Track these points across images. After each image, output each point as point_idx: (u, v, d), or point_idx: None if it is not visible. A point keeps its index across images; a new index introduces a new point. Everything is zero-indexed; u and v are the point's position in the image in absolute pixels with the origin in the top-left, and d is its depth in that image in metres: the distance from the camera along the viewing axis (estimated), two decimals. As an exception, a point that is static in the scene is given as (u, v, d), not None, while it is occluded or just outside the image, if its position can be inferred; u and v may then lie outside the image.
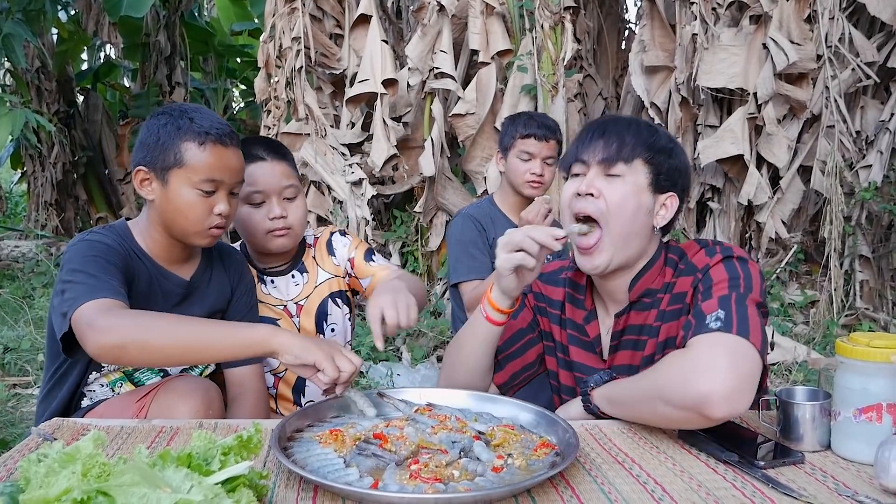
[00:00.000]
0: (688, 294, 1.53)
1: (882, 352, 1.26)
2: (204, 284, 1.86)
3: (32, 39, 7.75)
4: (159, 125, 1.70)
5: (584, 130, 1.61)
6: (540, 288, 1.79)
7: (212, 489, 0.92)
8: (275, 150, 2.04)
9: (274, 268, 2.12)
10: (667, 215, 1.58)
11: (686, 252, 1.61)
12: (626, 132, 1.55)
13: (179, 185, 1.68)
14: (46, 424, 1.45)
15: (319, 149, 5.15)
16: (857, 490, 1.18)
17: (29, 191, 9.74)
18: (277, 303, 2.11)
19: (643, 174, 1.54)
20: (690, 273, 1.55)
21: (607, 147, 1.53)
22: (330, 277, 2.16)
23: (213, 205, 1.69)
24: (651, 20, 5.17)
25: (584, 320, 1.69)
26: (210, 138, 1.66)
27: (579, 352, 1.70)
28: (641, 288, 1.59)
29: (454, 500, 1.11)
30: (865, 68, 4.74)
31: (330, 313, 2.15)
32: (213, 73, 9.39)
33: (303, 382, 2.12)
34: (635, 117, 1.60)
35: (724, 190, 5.09)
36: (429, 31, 5.06)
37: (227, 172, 1.69)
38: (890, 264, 5.02)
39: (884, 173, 4.80)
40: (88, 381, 1.78)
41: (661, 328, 1.57)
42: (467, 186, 5.43)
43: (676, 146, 1.61)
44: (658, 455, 1.34)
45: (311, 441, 1.33)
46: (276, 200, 1.99)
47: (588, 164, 1.56)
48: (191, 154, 1.66)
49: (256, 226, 2.00)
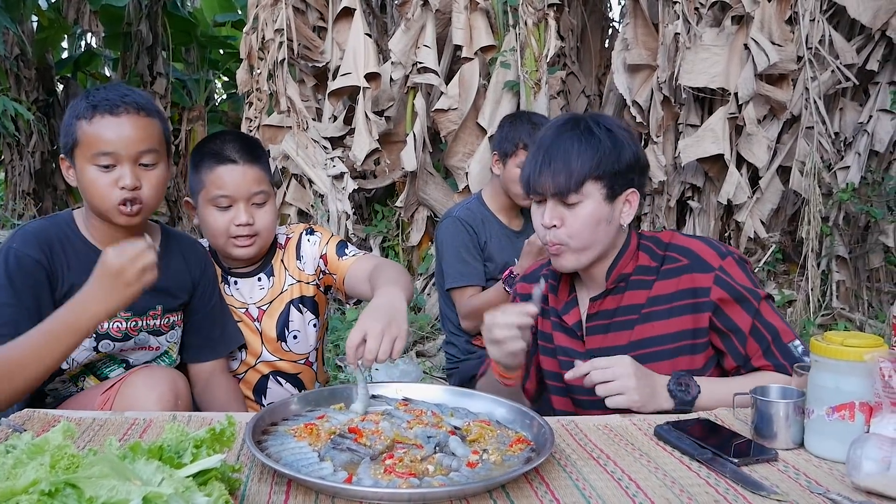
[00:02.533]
0: (710, 290, 1.60)
1: (855, 350, 1.27)
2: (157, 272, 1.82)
3: (12, 26, 7.64)
4: (68, 109, 1.68)
5: (533, 155, 1.66)
6: (524, 289, 1.84)
7: (183, 482, 0.91)
8: (248, 151, 1.95)
9: (239, 269, 2.05)
10: (631, 211, 1.66)
11: (670, 241, 1.69)
12: (571, 157, 1.59)
13: (81, 165, 1.65)
14: (16, 415, 1.43)
15: (301, 142, 5.12)
16: (829, 487, 1.19)
17: (6, 180, 9.61)
18: (239, 305, 2.04)
19: (597, 191, 1.61)
20: (703, 269, 1.62)
21: (556, 179, 1.60)
22: (294, 283, 2.08)
23: (117, 179, 1.62)
24: (634, 19, 5.18)
25: (563, 308, 1.76)
26: (98, 111, 1.62)
27: (562, 336, 1.77)
28: (616, 274, 1.68)
29: (428, 496, 1.11)
30: (845, 70, 4.78)
31: (291, 320, 2.07)
32: (195, 64, 9.30)
33: (264, 383, 2.08)
34: (576, 126, 1.62)
35: (703, 189, 5.12)
36: (412, 26, 5.04)
37: (119, 143, 1.62)
38: (866, 265, 5.08)
39: (861, 175, 4.84)
40: (50, 380, 1.74)
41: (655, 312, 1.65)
42: (449, 182, 5.43)
43: (619, 140, 1.63)
44: (633, 452, 1.34)
45: (285, 435, 1.32)
46: (243, 206, 1.91)
47: (544, 194, 1.63)
48: (82, 131, 1.63)
49: (220, 230, 1.93)
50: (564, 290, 1.78)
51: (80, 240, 1.73)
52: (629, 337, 1.67)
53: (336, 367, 4.18)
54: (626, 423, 1.49)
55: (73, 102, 1.68)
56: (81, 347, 1.70)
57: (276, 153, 5.29)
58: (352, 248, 2.07)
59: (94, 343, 1.73)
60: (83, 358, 1.74)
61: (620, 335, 1.68)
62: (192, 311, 1.89)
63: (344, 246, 2.07)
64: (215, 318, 1.92)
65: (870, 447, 1.17)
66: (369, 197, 5.98)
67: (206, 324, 1.90)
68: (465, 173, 4.95)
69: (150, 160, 1.67)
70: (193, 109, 8.76)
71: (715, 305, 1.61)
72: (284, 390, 2.09)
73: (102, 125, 1.62)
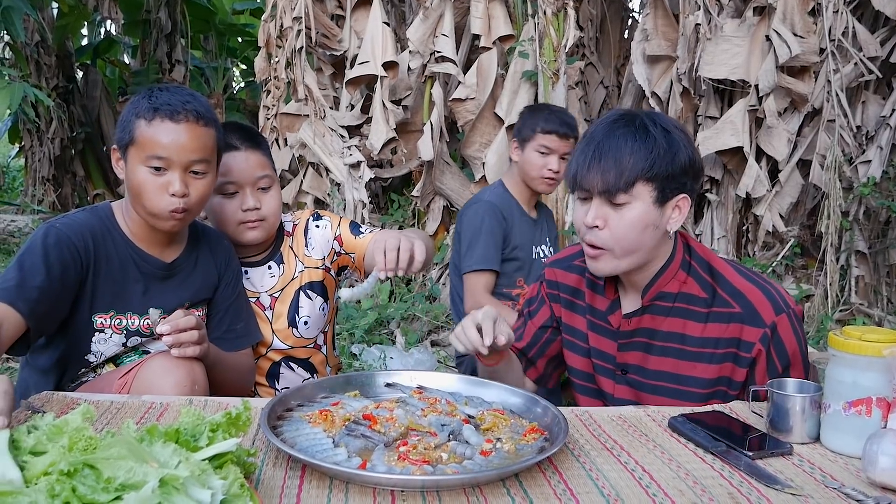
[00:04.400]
0: (754, 347, 1.53)
1: (874, 346, 1.26)
2: (188, 269, 1.83)
3: (32, 13, 7.69)
4: (129, 104, 1.70)
5: (582, 149, 1.55)
6: (554, 275, 1.79)
7: (199, 465, 0.92)
8: (249, 138, 1.98)
9: (249, 258, 2.07)
10: (680, 218, 1.56)
11: (722, 275, 1.59)
12: (623, 154, 1.49)
13: (133, 163, 1.66)
14: (36, 397, 1.44)
15: (318, 130, 5.13)
16: (844, 482, 1.18)
17: (26, 166, 9.70)
18: (250, 295, 2.05)
19: (647, 193, 1.50)
20: (753, 323, 1.53)
21: (605, 176, 1.49)
22: (304, 269, 2.10)
23: (167, 184, 1.64)
24: (654, 9, 5.14)
25: (608, 309, 1.68)
26: (159, 114, 1.63)
27: (599, 339, 1.69)
28: (654, 292, 1.60)
29: (442, 483, 1.12)
30: (868, 63, 4.72)
31: (301, 306, 2.09)
32: (213, 52, 9.35)
33: (276, 369, 2.10)
34: (631, 122, 1.53)
35: (722, 182, 5.09)
36: (431, 15, 5.03)
37: (174, 149, 1.63)
38: (886, 260, 5.03)
39: (883, 169, 4.79)
40: (78, 376, 1.77)
41: (702, 354, 1.57)
42: (465, 171, 5.42)
43: (675, 141, 1.52)
44: (647, 443, 1.34)
45: (300, 421, 1.33)
46: (249, 191, 1.94)
47: (590, 192, 1.53)
48: (140, 131, 1.64)
49: (229, 217, 1.95)
50: (610, 289, 1.67)
51: (118, 233, 1.75)
52: (670, 367, 1.60)
53: (351, 355, 4.20)
54: (641, 414, 1.49)
55: (135, 99, 1.69)
56: (111, 343, 1.74)
57: (294, 141, 5.30)
58: (366, 226, 2.11)
59: (124, 339, 1.76)
60: (111, 352, 1.76)
61: (663, 361, 1.60)
62: (216, 303, 1.90)
63: (357, 226, 2.11)
64: (239, 311, 1.94)
65: (886, 443, 1.16)
66: (385, 186, 5.99)
67: (229, 317, 1.91)
68: (481, 163, 4.94)
69: (201, 169, 1.69)
70: (211, 97, 8.79)
71: (754, 361, 1.54)
72: (297, 375, 2.11)
73: (161, 129, 1.63)
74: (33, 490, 0.86)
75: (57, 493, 0.84)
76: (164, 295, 1.77)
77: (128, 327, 1.74)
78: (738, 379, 1.56)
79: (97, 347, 1.73)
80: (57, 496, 0.84)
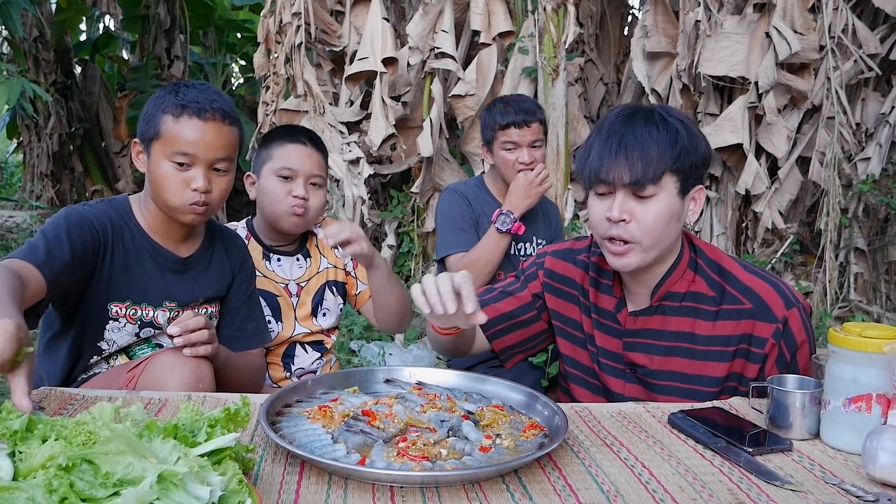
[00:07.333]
0: (767, 342, 1.53)
1: (874, 342, 1.26)
2: (203, 265, 1.85)
3: (31, 8, 7.67)
4: (154, 98, 1.72)
5: (604, 142, 1.51)
6: (553, 265, 1.77)
7: (197, 461, 0.92)
8: (315, 141, 2.17)
9: (283, 246, 2.22)
10: (696, 209, 1.57)
11: (729, 272, 1.59)
12: (649, 146, 1.47)
13: (157, 157, 1.69)
14: (34, 393, 1.44)
15: (317, 126, 5.12)
16: (843, 479, 1.18)
17: (24, 161, 9.67)
18: (281, 280, 2.19)
19: (672, 184, 1.50)
20: (766, 319, 1.53)
21: (633, 168, 1.46)
22: (329, 266, 2.27)
23: (190, 180, 1.67)
24: (654, 6, 5.13)
25: (615, 308, 1.66)
26: (187, 111, 1.66)
27: (605, 338, 1.68)
28: (664, 292, 1.59)
29: (441, 479, 1.11)
30: (868, 60, 4.72)
31: (325, 299, 2.25)
32: (212, 48, 9.31)
33: (292, 349, 2.22)
34: (649, 115, 1.51)
35: (722, 179, 5.08)
36: (430, 11, 5.02)
37: (200, 146, 1.66)
38: (885, 258, 5.03)
39: (882, 166, 4.79)
40: (90, 364, 1.78)
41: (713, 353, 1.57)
42: (465, 168, 5.41)
43: (694, 134, 1.52)
44: (646, 439, 1.34)
45: (299, 416, 1.33)
46: (302, 182, 2.10)
47: (614, 185, 1.50)
48: (167, 126, 1.67)
49: (281, 199, 2.09)
50: (617, 287, 1.66)
51: (135, 226, 1.78)
52: (681, 366, 1.59)
53: (350, 351, 4.19)
54: (640, 410, 1.49)
55: (160, 93, 1.71)
56: (124, 332, 1.76)
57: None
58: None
59: (137, 329, 1.77)
60: (123, 342, 1.78)
61: (672, 360, 1.60)
62: (229, 301, 1.91)
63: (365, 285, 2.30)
64: (251, 311, 1.95)
65: (886, 439, 1.16)
66: (385, 182, 5.98)
67: (241, 316, 1.92)
68: (481, 160, 4.93)
69: (224, 167, 1.72)
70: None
71: (766, 357, 1.54)
72: (308, 356, 2.26)
73: (188, 126, 1.66)
74: (30, 485, 0.85)
75: (54, 489, 0.83)
76: (180, 289, 1.80)
77: (142, 318, 1.77)
78: (749, 375, 1.55)
79: (110, 335, 1.75)
80: (54, 491, 0.83)
